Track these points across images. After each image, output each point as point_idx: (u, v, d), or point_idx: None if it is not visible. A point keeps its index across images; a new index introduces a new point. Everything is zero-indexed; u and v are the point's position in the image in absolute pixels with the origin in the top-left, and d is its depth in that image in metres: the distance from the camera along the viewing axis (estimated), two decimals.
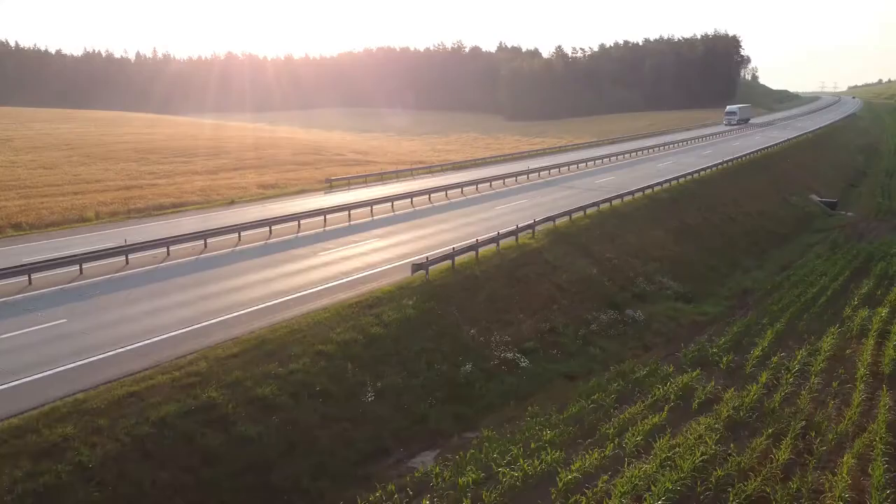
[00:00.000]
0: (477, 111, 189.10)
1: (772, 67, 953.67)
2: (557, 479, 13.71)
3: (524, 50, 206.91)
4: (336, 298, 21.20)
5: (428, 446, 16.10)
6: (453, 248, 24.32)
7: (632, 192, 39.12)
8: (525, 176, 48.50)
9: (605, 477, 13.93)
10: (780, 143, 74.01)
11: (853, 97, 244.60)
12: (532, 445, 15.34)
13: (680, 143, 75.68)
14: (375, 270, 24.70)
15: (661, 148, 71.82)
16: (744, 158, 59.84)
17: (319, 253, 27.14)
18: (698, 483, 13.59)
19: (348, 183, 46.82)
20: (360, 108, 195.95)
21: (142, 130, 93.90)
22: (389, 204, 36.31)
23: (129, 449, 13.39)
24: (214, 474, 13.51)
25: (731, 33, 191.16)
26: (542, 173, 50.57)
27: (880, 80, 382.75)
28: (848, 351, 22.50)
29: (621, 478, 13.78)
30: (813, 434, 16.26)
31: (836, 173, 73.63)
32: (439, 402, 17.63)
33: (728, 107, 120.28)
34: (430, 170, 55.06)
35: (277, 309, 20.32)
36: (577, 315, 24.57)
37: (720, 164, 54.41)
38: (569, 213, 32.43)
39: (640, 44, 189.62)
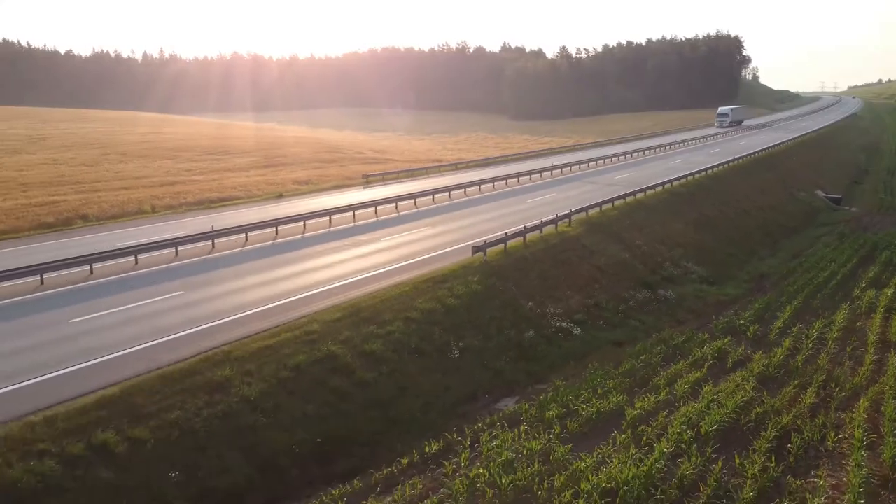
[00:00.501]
0: (481, 111, 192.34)
1: (772, 67, 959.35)
2: (625, 413, 16.80)
3: (528, 50, 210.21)
4: (409, 276, 24.31)
5: (507, 394, 19.21)
6: (506, 234, 27.49)
7: (653, 187, 42.28)
8: (549, 172, 51.67)
9: (664, 413, 17.03)
10: (785, 141, 77.30)
11: (853, 97, 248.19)
12: (599, 391, 18.45)
13: (687, 143, 78.87)
14: (435, 254, 27.79)
15: (670, 147, 75.02)
16: (751, 156, 63.06)
17: (381, 239, 30.28)
18: (741, 417, 16.65)
19: (383, 178, 49.94)
20: (364, 108, 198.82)
21: (162, 130, 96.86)
22: (431, 197, 39.47)
23: (277, 388, 16.49)
24: (348, 408, 16.63)
25: (731, 33, 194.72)
26: (563, 170, 53.71)
27: (880, 80, 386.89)
28: (858, 324, 25.63)
29: (677, 413, 16.85)
30: (833, 385, 19.35)
31: (839, 171, 76.92)
32: (511, 360, 20.77)
33: (720, 108, 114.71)
34: (456, 167, 58.23)
35: (360, 284, 23.42)
36: (616, 293, 27.73)
37: (730, 161, 57.57)
38: (599, 204, 35.60)
39: (643, 44, 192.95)
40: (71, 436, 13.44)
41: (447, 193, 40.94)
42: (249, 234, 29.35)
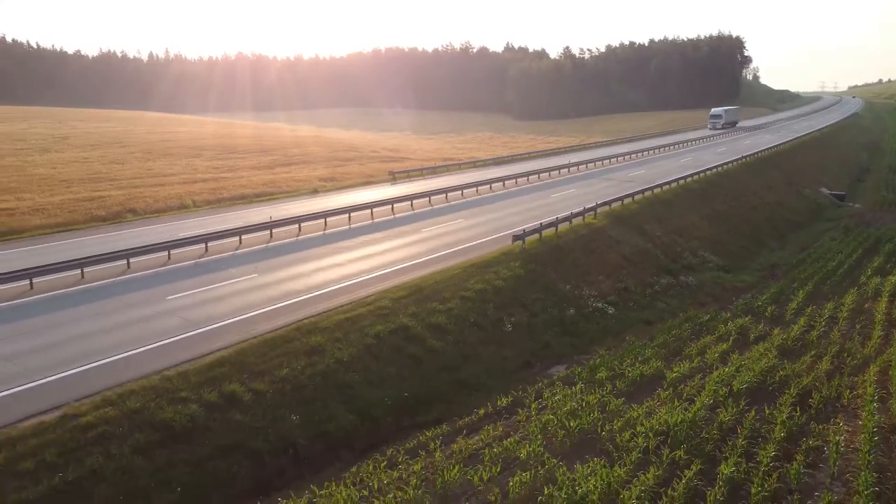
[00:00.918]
0: (484, 111, 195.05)
1: (772, 67, 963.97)
2: (665, 376, 19.36)
3: (531, 50, 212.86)
4: (456, 261, 26.85)
5: (556, 363, 21.75)
6: (541, 224, 30.05)
7: (668, 183, 44.86)
8: (566, 169, 54.28)
9: (699, 375, 19.60)
10: (789, 140, 79.99)
11: (853, 97, 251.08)
12: (639, 359, 21.00)
13: (693, 142, 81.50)
14: (474, 243, 30.33)
15: (677, 146, 77.63)
16: (757, 155, 65.65)
17: (422, 230, 32.82)
18: (767, 378, 19.20)
19: (407, 175, 52.44)
20: (366, 108, 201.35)
21: (176, 129, 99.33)
22: (460, 192, 42.05)
23: (364, 352, 19.02)
24: (423, 371, 19.16)
25: (731, 33, 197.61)
26: (579, 167, 56.30)
27: (880, 80, 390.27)
28: (866, 305, 28.22)
29: (711, 375, 19.40)
30: (845, 355, 21.91)
31: (842, 169, 79.59)
32: (556, 335, 23.33)
33: (713, 109, 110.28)
34: (475, 164, 60.79)
35: (414, 268, 25.94)
36: (641, 279, 30.29)
37: (737, 159, 60.17)
38: (621, 198, 38.17)
39: (646, 45, 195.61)
40: (204, 386, 15.95)
41: (475, 189, 43.53)
42: (302, 224, 31.84)
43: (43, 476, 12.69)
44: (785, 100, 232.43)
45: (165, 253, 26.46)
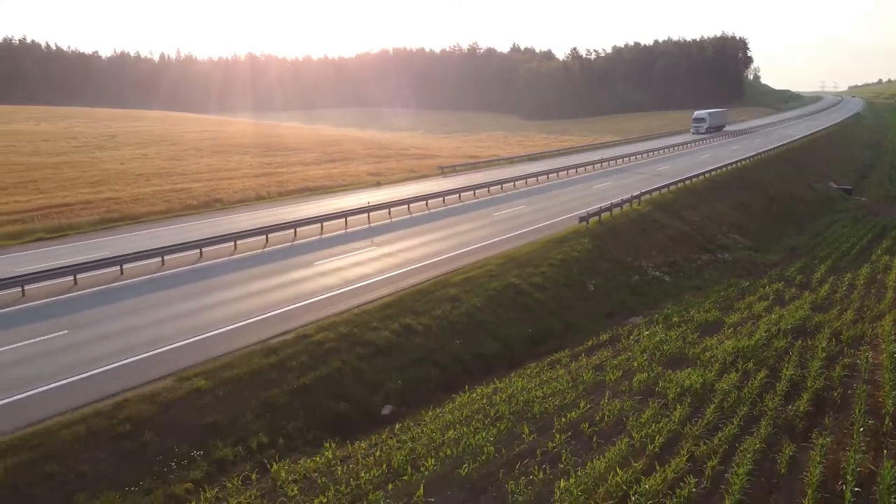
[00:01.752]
0: (492, 111, 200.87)
1: (773, 67, 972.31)
2: (724, 321, 24.79)
3: (538, 51, 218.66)
4: (534, 238, 32.31)
5: (632, 315, 27.18)
6: (600, 207, 35.56)
7: (695, 176, 50.37)
8: (599, 165, 59.90)
9: (750, 322, 25.02)
10: (798, 139, 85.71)
11: (853, 97, 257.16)
12: (700, 310, 26.43)
13: (707, 140, 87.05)
14: (541, 224, 35.79)
15: (693, 144, 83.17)
16: (770, 152, 71.26)
17: (493, 214, 38.34)
18: (805, 323, 24.61)
19: (454, 170, 57.91)
20: (377, 108, 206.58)
21: (211, 128, 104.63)
22: (512, 184, 47.56)
23: (489, 301, 24.48)
24: (534, 316, 24.64)
25: (732, 33, 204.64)
26: (609, 163, 61.88)
27: (880, 80, 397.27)
28: (878, 276, 33.65)
29: (760, 321, 24.82)
30: (865, 309, 27.29)
31: (847, 166, 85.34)
32: (627, 294, 28.81)
33: (696, 112, 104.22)
34: (511, 160, 66.41)
35: (501, 244, 31.41)
36: (686, 255, 35.79)
37: (753, 156, 65.77)
38: (659, 188, 43.69)
39: (651, 45, 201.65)
40: (386, 320, 21.40)
41: (524, 181, 49.07)
42: (392, 209, 37.28)
43: (306, 371, 18.09)
44: (787, 100, 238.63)
45: (292, 231, 31.86)
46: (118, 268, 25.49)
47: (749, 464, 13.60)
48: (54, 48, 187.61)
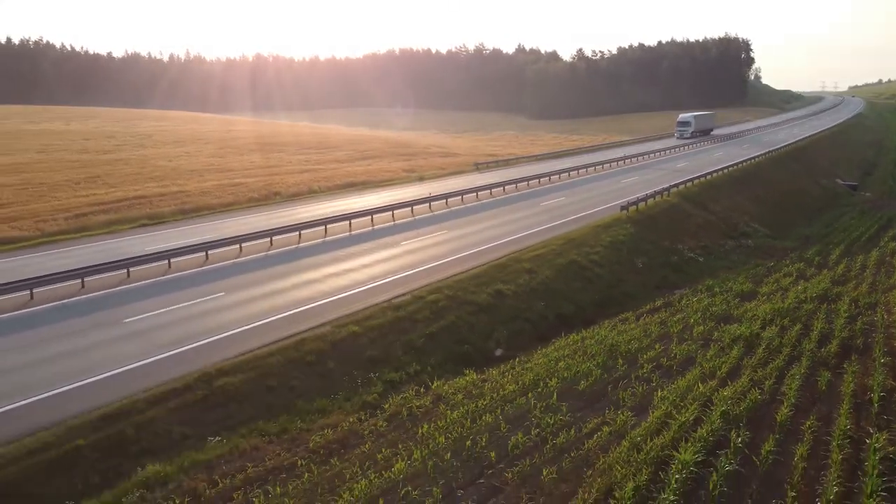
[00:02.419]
0: (500, 111, 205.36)
1: (773, 67, 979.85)
2: (758, 292, 29.32)
3: (543, 52, 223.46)
4: (581, 224, 36.86)
5: (676, 288, 31.70)
6: (637, 198, 40.07)
7: (714, 171, 55.01)
8: (621, 162, 64.57)
9: (780, 292, 29.56)
10: (805, 138, 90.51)
11: (852, 96, 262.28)
12: (736, 282, 30.95)
13: (717, 139, 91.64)
14: (584, 213, 40.30)
15: (705, 143, 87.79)
16: (780, 150, 75.94)
17: (540, 203, 42.96)
18: (826, 293, 29.15)
19: (487, 166, 62.46)
20: (386, 108, 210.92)
21: (240, 128, 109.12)
22: (547, 178, 52.18)
23: (557, 273, 28.97)
24: (596, 286, 29.20)
25: (731, 34, 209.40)
26: (629, 161, 66.52)
27: (880, 80, 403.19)
28: (887, 258, 38.20)
29: (789, 291, 29.36)
30: (877, 283, 31.82)
31: (851, 164, 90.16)
32: (670, 272, 33.40)
33: (680, 115, 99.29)
34: (538, 158, 71.11)
35: (553, 229, 35.91)
36: (713, 241, 40.35)
37: (765, 153, 70.40)
38: (684, 182, 48.28)
39: (655, 46, 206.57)
40: (481, 286, 25.92)
41: (557, 176, 53.68)
42: (448, 199, 41.80)
43: (430, 322, 22.58)
44: (789, 100, 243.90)
45: (369, 217, 36.33)
46: (238, 246, 29.95)
47: (797, 383, 18.06)
48: (69, 49, 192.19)
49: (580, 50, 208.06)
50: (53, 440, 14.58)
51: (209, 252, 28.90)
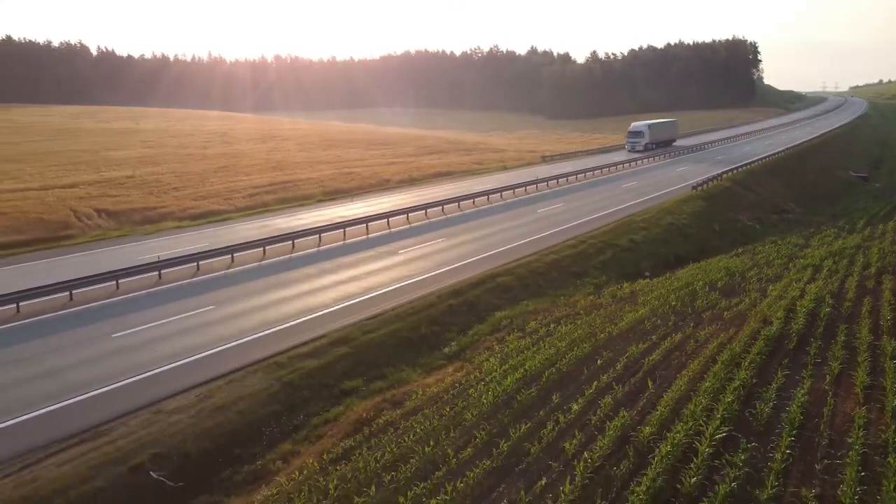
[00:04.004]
0: (517, 111, 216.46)
1: (773, 67, 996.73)
2: (810, 244, 40.35)
3: (556, 54, 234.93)
4: (663, 199, 47.71)
5: (744, 245, 42.56)
6: (704, 179, 51.07)
7: (751, 162, 66.08)
8: (665, 154, 75.70)
9: (825, 245, 40.58)
10: (820, 135, 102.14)
11: (852, 96, 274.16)
12: (793, 238, 41.86)
13: (736, 137, 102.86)
14: (659, 192, 51.16)
15: (728, 140, 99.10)
16: (799, 146, 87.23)
17: (620, 186, 53.89)
18: (861, 243, 40.16)
19: (552, 159, 73.48)
20: (405, 108, 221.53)
21: (288, 126, 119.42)
22: (609, 168, 63.49)
23: (662, 233, 39.84)
24: (689, 241, 40.16)
25: (736, 36, 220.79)
26: (672, 154, 77.63)
27: (881, 81, 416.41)
28: None
29: (833, 244, 40.35)
30: None
31: (860, 159, 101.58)
32: (737, 235, 44.31)
33: (633, 124, 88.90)
34: (590, 152, 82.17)
35: (642, 203, 46.73)
36: (762, 215, 51.41)
37: (787, 149, 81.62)
38: (731, 170, 59.43)
39: (665, 48, 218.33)
40: (618, 236, 36.76)
41: (621, 166, 64.81)
42: (539, 185, 52.78)
43: (598, 254, 33.47)
44: (792, 100, 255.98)
45: (485, 197, 47.24)
46: (405, 215, 41.06)
47: (854, 283, 28.94)
48: (105, 50, 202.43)
49: (594, 52, 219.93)
50: None
51: (391, 219, 39.88)
